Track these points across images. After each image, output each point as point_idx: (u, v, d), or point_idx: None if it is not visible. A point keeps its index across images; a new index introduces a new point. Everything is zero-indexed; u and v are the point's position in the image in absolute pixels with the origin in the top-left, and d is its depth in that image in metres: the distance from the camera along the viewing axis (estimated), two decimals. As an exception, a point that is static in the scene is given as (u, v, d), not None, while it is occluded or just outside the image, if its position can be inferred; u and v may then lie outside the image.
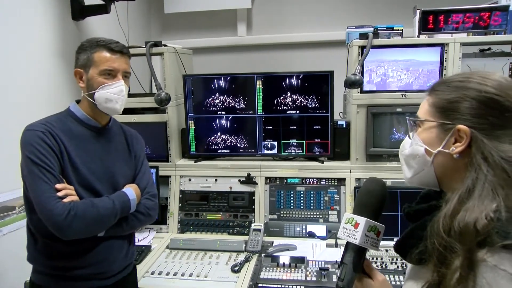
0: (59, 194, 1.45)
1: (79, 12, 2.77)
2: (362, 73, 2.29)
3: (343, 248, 1.05)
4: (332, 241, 2.30)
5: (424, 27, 2.38)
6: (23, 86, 2.29)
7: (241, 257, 2.23)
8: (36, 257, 1.61)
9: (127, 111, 1.80)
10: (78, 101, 1.69)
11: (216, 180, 2.62)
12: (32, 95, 2.37)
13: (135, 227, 1.69)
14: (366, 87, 2.43)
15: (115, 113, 1.64)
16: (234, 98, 2.64)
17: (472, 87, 0.94)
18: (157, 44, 2.67)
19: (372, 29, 2.48)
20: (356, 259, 1.02)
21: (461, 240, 0.83)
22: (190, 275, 2.07)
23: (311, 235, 2.38)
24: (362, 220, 1.02)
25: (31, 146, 1.47)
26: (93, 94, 1.59)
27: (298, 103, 2.58)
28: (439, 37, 2.40)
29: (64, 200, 1.45)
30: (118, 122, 1.83)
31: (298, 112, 2.59)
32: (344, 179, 2.52)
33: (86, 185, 1.57)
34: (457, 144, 0.94)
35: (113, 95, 1.58)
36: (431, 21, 2.36)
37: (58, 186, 1.46)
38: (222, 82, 2.64)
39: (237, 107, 2.65)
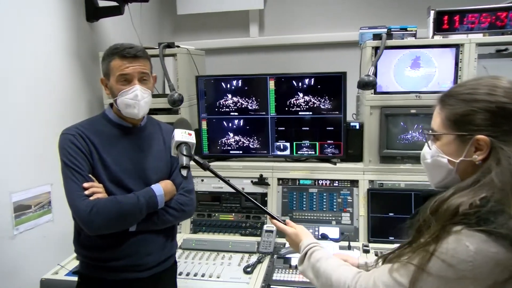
0: (86, 192, 1.53)
1: (93, 13, 2.81)
2: (375, 74, 2.28)
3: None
4: (345, 244, 2.29)
5: (438, 28, 2.36)
6: (38, 86, 2.33)
7: (254, 258, 2.24)
8: (79, 249, 1.70)
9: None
10: (112, 105, 1.74)
11: (228, 180, 2.61)
12: (46, 95, 2.41)
13: (168, 222, 1.70)
14: (379, 88, 2.42)
15: (137, 117, 1.66)
16: (246, 99, 2.65)
17: (482, 99, 0.98)
18: (170, 45, 2.69)
19: (386, 29, 2.47)
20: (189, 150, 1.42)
21: (438, 219, 0.94)
22: (203, 275, 2.08)
23: (324, 237, 2.38)
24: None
25: (63, 149, 1.57)
26: (116, 101, 1.63)
27: (311, 104, 2.58)
28: (454, 38, 2.37)
29: (91, 198, 1.52)
30: (155, 120, 1.86)
31: (310, 113, 2.59)
32: (357, 181, 2.51)
33: (117, 182, 1.62)
34: (478, 152, 0.99)
35: (130, 101, 1.60)
36: (446, 22, 2.34)
37: (85, 185, 1.54)
38: (234, 83, 2.65)
39: (250, 108, 2.66)
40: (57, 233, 2.38)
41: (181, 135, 1.45)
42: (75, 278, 1.76)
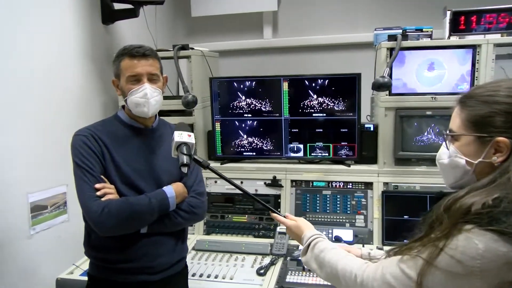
0: (98, 193, 1.54)
1: (109, 16, 2.85)
2: (390, 76, 2.26)
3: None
4: (359, 246, 2.26)
5: (455, 28, 2.33)
6: (54, 88, 2.37)
7: (267, 260, 2.23)
8: (89, 251, 1.71)
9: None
10: (124, 106, 1.76)
11: (241, 182, 2.62)
12: (62, 97, 2.44)
13: (180, 224, 1.71)
14: (394, 89, 2.40)
15: (147, 116, 1.67)
16: (260, 101, 2.65)
17: (502, 101, 0.99)
18: (184, 47, 2.71)
19: (401, 30, 2.44)
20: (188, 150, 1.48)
21: (450, 216, 0.95)
22: (216, 276, 2.08)
23: (337, 239, 2.36)
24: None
25: (76, 150, 1.59)
26: (127, 101, 1.65)
27: (325, 105, 2.56)
28: (470, 39, 2.34)
29: (102, 198, 1.53)
30: (167, 122, 1.88)
31: (324, 114, 2.58)
32: (371, 183, 2.49)
33: (129, 184, 1.63)
34: (498, 154, 0.99)
35: (140, 99, 1.61)
36: (463, 22, 2.31)
37: (97, 185, 1.55)
38: (248, 85, 2.66)
39: (263, 109, 2.66)
40: (72, 234, 2.41)
41: (180, 136, 1.49)
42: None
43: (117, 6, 2.87)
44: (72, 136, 1.63)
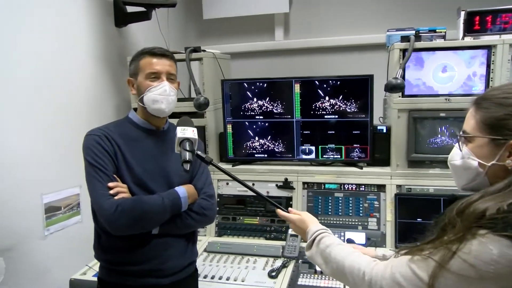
0: (111, 192, 1.55)
1: (122, 19, 2.88)
2: (403, 77, 2.24)
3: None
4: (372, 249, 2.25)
5: (469, 29, 2.30)
6: (67, 90, 2.40)
7: (278, 262, 2.23)
8: (99, 253, 1.72)
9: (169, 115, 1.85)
10: (136, 109, 1.78)
11: (253, 184, 2.62)
12: (76, 99, 2.47)
13: (191, 226, 1.72)
14: (407, 91, 2.38)
15: (162, 114, 1.70)
16: (271, 103, 2.65)
17: None
18: (196, 49, 2.72)
19: (414, 31, 2.42)
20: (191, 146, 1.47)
21: (463, 220, 0.94)
22: (227, 278, 2.08)
23: (350, 242, 2.34)
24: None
25: (88, 149, 1.60)
26: (143, 98, 1.66)
27: (337, 107, 2.55)
28: (485, 39, 2.30)
29: (115, 197, 1.54)
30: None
31: (336, 116, 2.56)
32: (384, 186, 2.47)
33: (140, 184, 1.64)
34: None
35: (158, 96, 1.64)
36: (477, 22, 2.28)
37: (110, 184, 1.56)
38: (259, 87, 2.66)
39: (275, 111, 2.65)
40: (85, 235, 2.41)
41: (183, 131, 1.49)
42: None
43: (130, 9, 2.90)
44: (84, 137, 1.65)
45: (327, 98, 2.55)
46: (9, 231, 2.02)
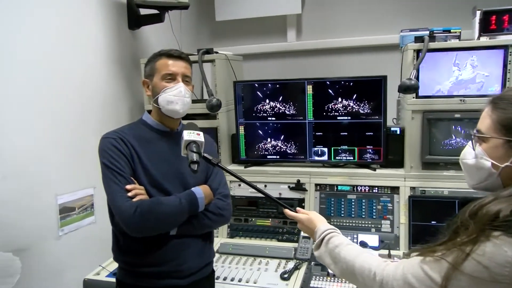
0: (129, 194, 1.56)
1: (135, 21, 2.90)
2: (417, 78, 2.22)
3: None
4: (385, 252, 2.23)
5: (485, 29, 2.26)
6: (81, 92, 2.43)
7: (290, 264, 2.22)
8: (117, 255, 1.73)
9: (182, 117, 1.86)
10: (149, 112, 1.80)
11: (265, 186, 2.62)
12: (90, 101, 2.50)
13: (207, 226, 1.73)
14: (422, 92, 2.35)
15: (177, 115, 1.71)
16: (284, 104, 2.65)
17: None
18: (208, 51, 2.73)
19: (428, 32, 2.40)
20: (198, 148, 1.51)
21: (476, 222, 0.94)
22: (240, 280, 2.08)
23: (363, 244, 2.32)
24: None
25: (105, 152, 1.61)
26: (158, 99, 1.68)
27: (350, 108, 2.54)
28: (502, 39, 2.27)
29: (134, 199, 1.56)
30: None
31: (349, 118, 2.55)
32: (397, 188, 2.45)
33: (156, 186, 1.66)
34: None
35: (173, 97, 1.66)
36: (494, 22, 2.24)
37: (128, 186, 1.57)
38: (272, 88, 2.66)
39: (287, 113, 2.65)
40: (99, 235, 2.45)
41: (189, 134, 1.52)
42: (115, 280, 1.80)
43: (143, 11, 2.92)
44: (99, 140, 1.66)
45: (340, 99, 2.54)
46: (24, 231, 2.05)
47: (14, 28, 2.00)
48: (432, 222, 2.30)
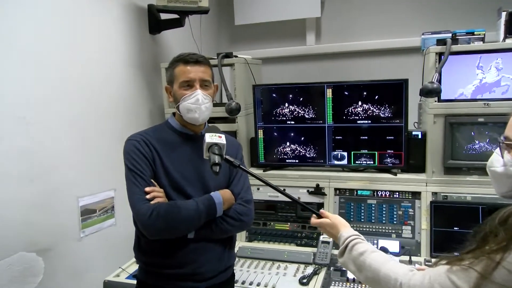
0: (147, 196, 1.58)
1: (156, 26, 2.95)
2: (440, 81, 2.19)
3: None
4: (406, 258, 2.20)
5: (511, 30, 2.22)
6: (103, 96, 2.48)
7: (309, 269, 2.21)
8: (139, 255, 1.76)
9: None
10: (174, 114, 1.82)
11: (284, 190, 2.56)
12: (111, 105, 2.55)
13: (226, 231, 1.73)
14: (444, 95, 2.32)
15: (197, 123, 1.72)
16: (303, 108, 2.65)
17: None
18: (228, 55, 2.75)
19: (450, 34, 2.37)
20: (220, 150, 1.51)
21: (506, 229, 0.92)
22: (258, 284, 2.09)
23: (383, 250, 2.29)
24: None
25: (128, 154, 1.65)
26: (179, 107, 1.70)
27: (370, 112, 2.52)
28: (528, 41, 2.23)
29: (151, 202, 1.58)
30: None
31: (369, 122, 2.53)
32: (419, 193, 2.42)
33: (177, 189, 1.67)
34: None
35: (192, 105, 1.67)
36: (520, 23, 2.20)
37: (147, 189, 1.60)
38: (291, 92, 2.66)
39: (306, 116, 2.65)
40: (119, 237, 2.50)
41: (211, 137, 1.53)
42: (135, 281, 1.83)
43: (164, 16, 2.97)
44: (123, 142, 1.69)
45: (360, 103, 2.53)
46: (47, 232, 2.10)
47: (40, 34, 2.06)
48: (455, 228, 2.26)
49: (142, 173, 1.61)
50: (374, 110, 2.51)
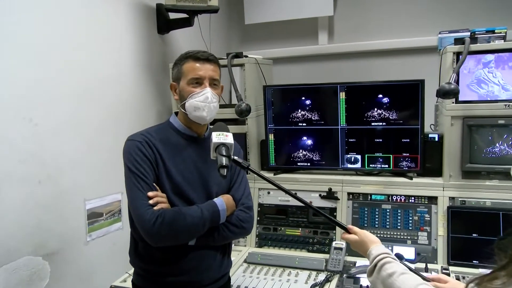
0: (150, 201, 1.56)
1: (164, 26, 2.97)
2: (457, 82, 2.17)
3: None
4: (422, 265, 2.18)
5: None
6: (112, 96, 2.50)
7: (321, 276, 2.19)
8: (136, 261, 1.75)
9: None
10: (177, 113, 1.81)
11: (295, 194, 2.59)
12: (119, 104, 2.57)
13: (228, 238, 1.73)
14: (462, 96, 2.28)
15: (203, 122, 1.71)
16: (315, 109, 2.63)
17: None
18: (238, 55, 2.75)
19: (469, 33, 2.34)
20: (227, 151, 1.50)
21: None
22: (268, 291, 2.08)
23: (398, 257, 2.25)
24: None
25: (130, 155, 1.62)
26: (185, 105, 1.68)
27: (385, 114, 2.50)
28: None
29: (155, 207, 1.56)
30: None
31: (384, 124, 2.51)
32: (435, 198, 2.39)
33: (179, 193, 1.66)
34: None
35: (200, 103, 1.65)
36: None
37: (150, 194, 1.58)
38: (303, 93, 2.65)
39: (319, 118, 2.63)
40: (126, 242, 2.47)
41: (218, 137, 1.51)
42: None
43: (173, 15, 2.98)
44: (125, 141, 1.68)
45: (374, 104, 2.51)
46: (54, 236, 2.12)
47: (46, 33, 2.08)
48: (474, 235, 2.22)
49: (145, 177, 1.59)
50: (389, 112, 2.49)
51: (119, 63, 2.58)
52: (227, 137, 1.52)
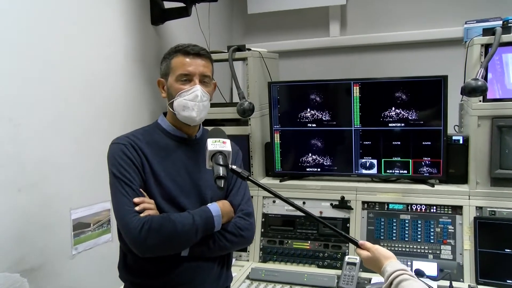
0: (137, 208, 1.56)
1: (159, 16, 2.95)
2: (485, 78, 2.13)
3: None
4: (446, 283, 2.14)
5: None
6: (101, 95, 2.47)
7: (333, 295, 2.17)
8: (125, 274, 1.74)
9: (205, 123, 1.86)
10: (165, 114, 1.80)
11: (304, 203, 2.59)
12: (108, 106, 2.54)
13: (225, 248, 1.71)
14: (490, 94, 2.26)
15: (193, 123, 1.70)
16: (326, 108, 2.62)
17: None
18: (240, 48, 2.74)
19: (500, 22, 2.31)
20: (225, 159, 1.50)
21: None
22: (273, 312, 2.05)
23: (419, 273, 2.24)
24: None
25: (114, 160, 1.63)
26: (173, 103, 1.68)
27: (403, 114, 2.49)
28: None
29: (141, 214, 1.55)
30: None
31: (403, 125, 2.50)
32: (460, 207, 2.36)
33: (170, 199, 1.65)
34: None
35: (189, 102, 1.65)
36: None
37: (136, 200, 1.57)
38: (312, 90, 2.64)
39: (330, 118, 2.62)
40: (116, 255, 2.45)
41: (214, 144, 1.51)
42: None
43: (168, 5, 2.96)
44: (109, 144, 1.67)
45: (391, 103, 2.50)
46: (35, 249, 2.09)
47: (29, 26, 2.06)
48: (506, 250, 2.18)
49: (130, 182, 1.59)
50: (408, 111, 2.48)
51: (109, 58, 2.56)
52: (224, 144, 1.52)
